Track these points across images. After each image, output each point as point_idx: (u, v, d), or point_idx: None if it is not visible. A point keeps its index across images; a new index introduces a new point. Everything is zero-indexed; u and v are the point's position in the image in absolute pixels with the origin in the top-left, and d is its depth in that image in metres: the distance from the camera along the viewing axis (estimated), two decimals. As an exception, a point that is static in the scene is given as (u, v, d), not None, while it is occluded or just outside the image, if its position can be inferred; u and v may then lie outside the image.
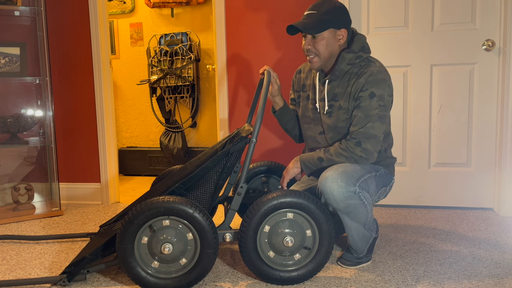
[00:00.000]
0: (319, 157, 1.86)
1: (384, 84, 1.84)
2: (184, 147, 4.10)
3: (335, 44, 1.88)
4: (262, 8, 2.89)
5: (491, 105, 2.70)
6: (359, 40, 1.91)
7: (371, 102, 1.82)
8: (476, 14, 2.65)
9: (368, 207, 1.82)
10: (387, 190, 2.02)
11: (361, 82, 1.84)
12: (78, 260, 1.82)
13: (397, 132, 2.83)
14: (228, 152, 1.86)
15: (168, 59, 4.03)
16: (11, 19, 3.02)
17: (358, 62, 1.89)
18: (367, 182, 1.83)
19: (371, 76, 1.83)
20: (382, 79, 1.84)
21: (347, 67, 1.89)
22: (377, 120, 1.82)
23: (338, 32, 1.87)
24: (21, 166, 3.16)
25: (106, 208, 3.07)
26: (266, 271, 1.76)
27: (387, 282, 1.79)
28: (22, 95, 3.09)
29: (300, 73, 2.11)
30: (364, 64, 1.89)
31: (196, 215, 1.68)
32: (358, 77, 1.86)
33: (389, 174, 2.01)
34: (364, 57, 1.90)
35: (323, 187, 1.75)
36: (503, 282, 1.76)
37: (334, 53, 1.90)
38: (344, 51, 1.89)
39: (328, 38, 1.86)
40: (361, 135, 1.81)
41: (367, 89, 1.82)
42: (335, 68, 1.90)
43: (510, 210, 2.65)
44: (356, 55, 1.88)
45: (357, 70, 1.88)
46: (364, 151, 1.81)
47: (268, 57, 2.91)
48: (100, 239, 1.92)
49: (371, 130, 1.81)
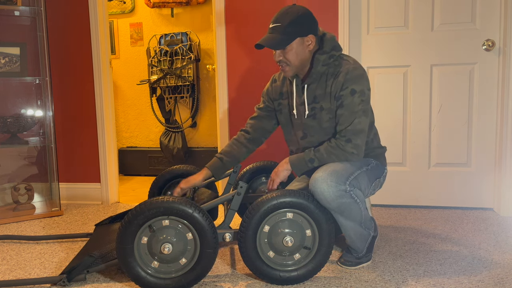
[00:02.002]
0: (310, 158, 1.86)
1: (362, 79, 1.87)
2: (184, 147, 4.10)
3: (304, 51, 1.89)
4: (262, 8, 2.89)
5: (491, 105, 2.70)
6: (329, 40, 1.93)
7: (353, 99, 1.84)
8: (476, 14, 2.65)
9: (360, 205, 1.83)
10: (381, 181, 2.04)
11: (340, 81, 1.86)
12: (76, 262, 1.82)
13: (397, 132, 2.83)
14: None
15: (168, 59, 4.03)
16: (11, 19, 3.02)
17: (332, 62, 1.91)
18: (358, 179, 1.84)
19: (348, 74, 1.86)
20: (360, 74, 1.87)
21: (322, 68, 1.91)
22: (362, 115, 1.85)
23: (305, 39, 1.88)
24: (21, 166, 3.16)
25: (106, 208, 3.07)
26: (266, 271, 1.76)
27: (387, 282, 1.79)
28: (22, 95, 3.10)
29: (275, 82, 2.12)
30: (338, 64, 1.91)
31: (196, 215, 1.68)
32: (335, 76, 1.88)
33: (380, 165, 2.03)
34: (337, 55, 1.92)
35: (313, 188, 1.75)
36: (503, 282, 1.76)
37: (305, 59, 1.91)
38: (317, 54, 1.91)
39: (296, 47, 1.87)
40: (349, 132, 1.84)
41: (347, 87, 1.85)
42: (311, 71, 1.92)
43: (510, 210, 2.65)
44: (329, 55, 1.91)
45: (333, 70, 1.91)
46: (354, 147, 1.84)
47: (268, 57, 2.91)
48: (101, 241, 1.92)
49: (358, 125, 1.84)
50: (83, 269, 1.80)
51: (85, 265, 1.80)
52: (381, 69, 2.79)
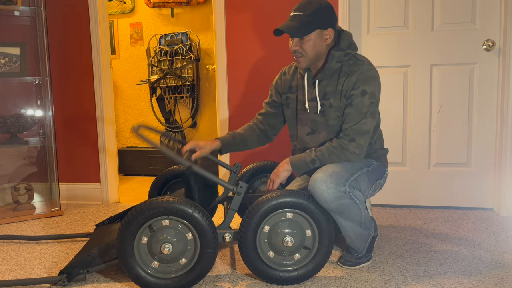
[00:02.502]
0: (311, 159, 1.85)
1: (375, 82, 1.87)
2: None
3: (322, 44, 1.89)
4: (262, 8, 2.89)
5: (491, 105, 2.70)
6: (346, 37, 1.93)
7: (363, 100, 1.84)
8: (476, 14, 2.65)
9: (360, 206, 1.82)
10: (382, 182, 2.03)
11: (352, 80, 1.86)
12: (75, 261, 1.82)
13: (397, 132, 2.83)
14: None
15: (168, 59, 4.03)
16: (11, 19, 3.02)
17: (346, 60, 1.91)
18: (358, 180, 1.83)
19: (362, 74, 1.85)
20: (373, 76, 1.87)
21: (336, 65, 1.90)
22: (369, 116, 1.85)
23: (325, 32, 1.87)
24: (21, 166, 3.16)
25: (106, 208, 3.07)
26: (266, 271, 1.76)
27: (387, 282, 1.79)
28: (22, 95, 3.10)
29: (285, 75, 2.11)
30: (353, 63, 1.90)
31: (196, 215, 1.68)
32: (348, 75, 1.88)
33: (381, 166, 2.02)
34: (352, 54, 1.92)
35: (313, 189, 1.75)
36: (503, 282, 1.76)
37: (321, 53, 1.90)
38: (333, 50, 1.90)
39: (315, 39, 1.86)
40: (354, 132, 1.84)
41: (358, 87, 1.85)
42: (325, 67, 1.91)
43: (510, 210, 2.65)
44: (344, 52, 1.90)
45: (346, 68, 1.90)
46: (357, 147, 1.83)
47: (268, 57, 2.91)
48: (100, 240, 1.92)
49: (364, 126, 1.84)
50: (81, 268, 1.80)
51: (83, 264, 1.80)
52: (381, 69, 2.79)
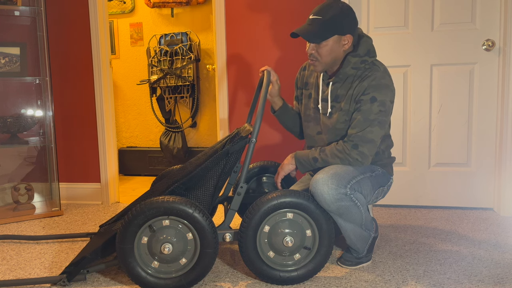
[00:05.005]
0: (314, 157, 1.86)
1: (387, 90, 1.83)
2: (184, 147, 4.10)
3: (339, 50, 1.85)
4: (262, 8, 2.89)
5: (491, 105, 2.70)
6: (365, 43, 1.88)
7: (372, 107, 1.81)
8: (476, 14, 2.65)
9: (361, 208, 1.81)
10: (385, 190, 2.01)
11: (363, 85, 1.82)
12: (77, 260, 1.82)
13: (397, 132, 2.83)
14: (227, 152, 1.86)
15: (168, 59, 4.03)
16: (11, 19, 3.02)
17: (362, 66, 1.87)
18: (360, 184, 1.82)
19: (374, 80, 1.81)
20: (385, 84, 1.83)
21: (351, 71, 1.87)
22: (377, 125, 1.81)
23: (343, 38, 1.84)
24: (21, 166, 3.16)
25: (106, 208, 3.07)
26: (266, 271, 1.76)
27: (387, 282, 1.79)
28: (22, 95, 3.10)
29: (304, 70, 2.10)
30: (369, 68, 1.87)
31: (196, 215, 1.68)
32: (361, 80, 1.84)
33: (386, 173, 2.01)
34: (369, 61, 1.88)
35: (314, 189, 1.74)
36: (503, 282, 1.76)
37: (338, 58, 1.88)
38: (350, 55, 1.86)
39: (332, 44, 1.83)
40: (358, 138, 1.81)
41: (368, 93, 1.81)
42: (339, 71, 1.89)
43: (510, 210, 2.65)
44: (361, 59, 1.86)
45: (361, 73, 1.86)
46: (360, 154, 1.81)
47: (268, 57, 2.91)
48: (100, 239, 1.92)
49: (369, 134, 1.81)
50: (81, 269, 1.80)
51: (85, 265, 1.80)
52: (381, 69, 2.79)
